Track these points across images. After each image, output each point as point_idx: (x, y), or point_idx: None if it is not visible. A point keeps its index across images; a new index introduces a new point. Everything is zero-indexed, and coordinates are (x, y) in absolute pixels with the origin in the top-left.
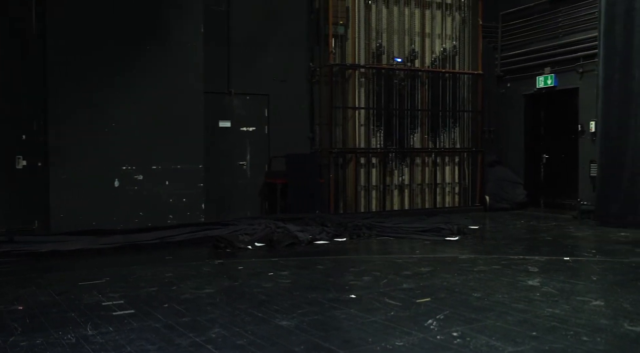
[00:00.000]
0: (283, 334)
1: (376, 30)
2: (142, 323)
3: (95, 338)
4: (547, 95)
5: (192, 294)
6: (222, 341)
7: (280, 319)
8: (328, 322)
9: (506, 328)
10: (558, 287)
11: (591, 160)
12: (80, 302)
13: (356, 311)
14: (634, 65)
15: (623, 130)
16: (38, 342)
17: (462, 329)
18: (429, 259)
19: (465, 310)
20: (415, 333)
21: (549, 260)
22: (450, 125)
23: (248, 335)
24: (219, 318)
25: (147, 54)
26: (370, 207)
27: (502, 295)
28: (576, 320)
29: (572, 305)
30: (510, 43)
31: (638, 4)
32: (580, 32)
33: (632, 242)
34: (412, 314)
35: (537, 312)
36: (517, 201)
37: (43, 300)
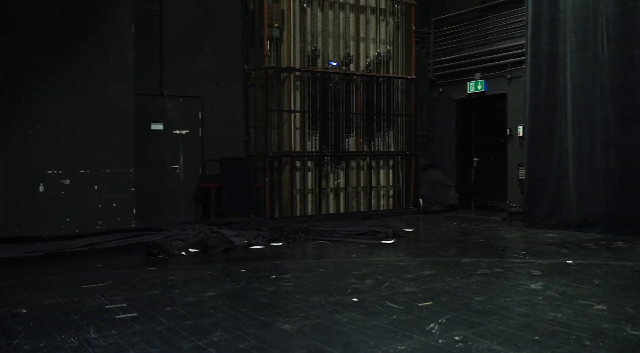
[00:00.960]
0: (285, 338)
1: (311, 34)
2: (144, 327)
3: (98, 342)
4: (478, 100)
5: (195, 297)
6: (224, 344)
7: (282, 323)
8: (330, 325)
9: (508, 332)
10: (560, 290)
11: (519, 164)
12: (84, 305)
13: (358, 314)
14: (559, 71)
15: (549, 134)
16: (41, 345)
17: (464, 333)
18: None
19: (467, 313)
20: (417, 337)
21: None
22: (384, 129)
23: (250, 338)
24: (222, 321)
25: (74, 53)
26: (306, 210)
27: (504, 298)
28: (578, 324)
29: (575, 309)
30: (442, 49)
31: (562, 13)
32: (508, 40)
33: (559, 243)
34: (413, 318)
35: (539, 316)
36: (449, 203)
37: (46, 303)
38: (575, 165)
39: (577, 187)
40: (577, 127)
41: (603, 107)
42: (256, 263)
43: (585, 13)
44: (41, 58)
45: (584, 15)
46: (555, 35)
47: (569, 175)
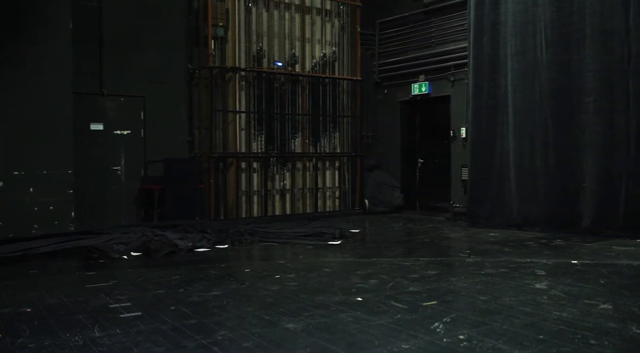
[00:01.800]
0: (289, 337)
1: (257, 34)
2: (149, 326)
3: (103, 341)
4: (422, 102)
5: (199, 297)
6: (228, 343)
7: (286, 322)
8: (334, 324)
9: (513, 332)
10: (565, 290)
11: (462, 165)
12: (88, 304)
13: (362, 314)
14: (501, 74)
15: (491, 136)
16: (46, 344)
17: (468, 332)
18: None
19: (471, 313)
20: (421, 336)
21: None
22: (330, 130)
23: (255, 337)
24: (226, 320)
25: (7, 50)
26: (252, 212)
27: (509, 298)
28: (584, 324)
29: (580, 308)
30: (387, 51)
31: (503, 17)
32: (452, 43)
33: (501, 242)
34: (418, 317)
35: (544, 315)
36: (394, 204)
37: (51, 302)
38: (516, 166)
39: (518, 187)
40: (517, 129)
41: (542, 109)
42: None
43: (525, 18)
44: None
45: (523, 20)
46: (497, 39)
47: (510, 175)
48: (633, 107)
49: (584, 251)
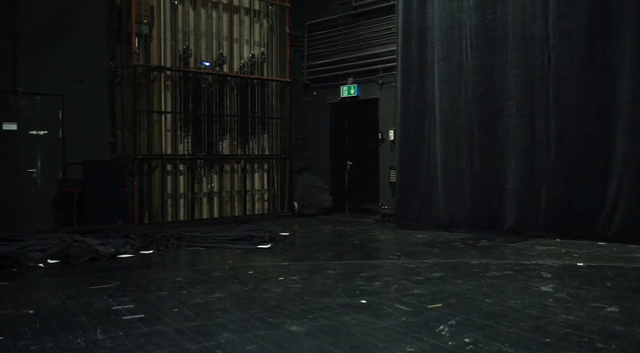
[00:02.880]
0: (293, 339)
1: (183, 32)
2: (151, 328)
3: (105, 343)
4: (351, 104)
5: (202, 299)
6: (231, 346)
7: (290, 324)
8: (338, 327)
9: (519, 335)
10: (572, 293)
11: (391, 167)
12: (91, 306)
13: (366, 316)
14: (428, 78)
15: (419, 138)
16: (48, 346)
17: (474, 335)
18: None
19: (477, 316)
20: (426, 339)
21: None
22: (259, 132)
23: (258, 340)
24: (229, 323)
25: None
26: (179, 216)
27: (515, 301)
28: (590, 327)
29: (586, 311)
30: (316, 52)
31: (430, 22)
32: (380, 46)
33: (429, 243)
34: (423, 320)
35: (551, 318)
36: (324, 206)
37: (54, 304)
38: (443, 168)
39: (445, 189)
40: (444, 132)
41: (468, 113)
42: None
43: (451, 23)
44: None
45: (450, 25)
46: (424, 43)
47: (437, 177)
48: (552, 111)
49: (508, 251)
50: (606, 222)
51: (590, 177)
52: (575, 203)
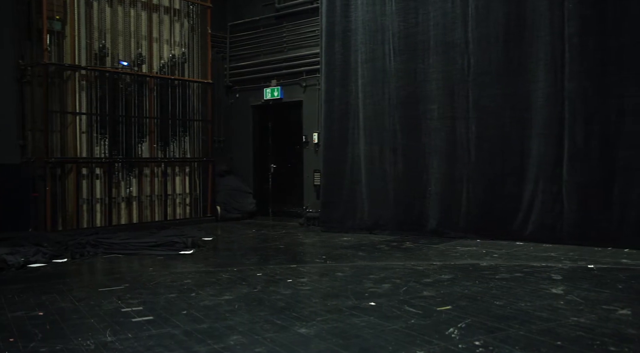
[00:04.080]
0: (302, 342)
1: (99, 30)
2: (160, 330)
3: (114, 345)
4: (274, 106)
5: (211, 301)
6: (240, 348)
7: (299, 327)
8: (347, 329)
9: (530, 338)
10: (583, 295)
11: (315, 170)
12: (100, 308)
13: (376, 318)
14: (352, 80)
15: (343, 141)
16: (58, 348)
17: (484, 338)
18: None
19: (487, 318)
20: (436, 341)
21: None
22: (180, 135)
23: (267, 342)
24: (238, 325)
25: None
26: (95, 222)
27: (525, 303)
28: (602, 330)
29: (598, 314)
30: (239, 54)
31: (353, 25)
32: (304, 48)
33: (355, 246)
34: (432, 322)
35: (562, 321)
36: (247, 210)
37: (63, 306)
38: (367, 171)
39: (369, 191)
40: (368, 134)
41: (391, 116)
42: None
43: (374, 26)
44: None
45: (373, 29)
46: (348, 46)
47: (362, 180)
48: (472, 115)
49: (432, 252)
50: (523, 223)
51: (508, 179)
52: (494, 204)
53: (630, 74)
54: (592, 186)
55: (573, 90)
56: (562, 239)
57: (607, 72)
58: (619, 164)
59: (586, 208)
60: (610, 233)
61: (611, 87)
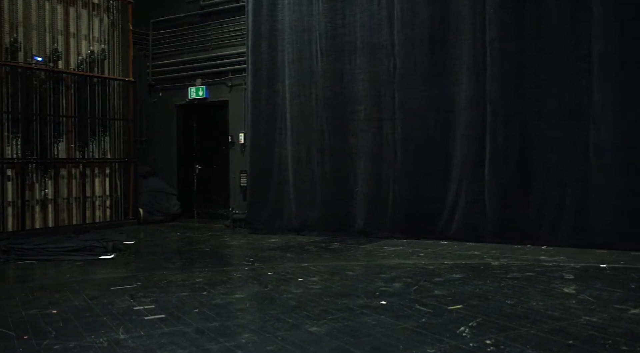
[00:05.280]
0: (313, 340)
1: (10, 23)
2: (172, 328)
3: (127, 343)
4: (199, 106)
5: (223, 299)
6: (252, 346)
7: (310, 325)
8: (358, 328)
9: (541, 337)
10: (595, 294)
11: (241, 171)
12: (113, 306)
13: (386, 317)
14: (279, 80)
15: (270, 141)
16: (71, 345)
17: (495, 337)
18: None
19: (498, 317)
20: (447, 340)
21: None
22: (100, 134)
23: (278, 340)
24: (249, 323)
25: None
26: (7, 226)
27: (537, 302)
28: (615, 329)
29: (610, 313)
30: (162, 52)
31: (280, 25)
32: (229, 47)
33: (283, 248)
34: (443, 321)
35: (574, 320)
36: (171, 212)
37: (77, 304)
38: (294, 171)
39: (296, 192)
40: (295, 135)
41: (318, 116)
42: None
43: (301, 26)
44: None
45: (300, 29)
46: (275, 46)
47: (289, 180)
48: (398, 116)
49: (359, 253)
50: (447, 222)
51: (432, 179)
52: (419, 204)
53: (548, 78)
54: (512, 186)
55: (494, 93)
56: (484, 238)
57: (526, 75)
58: (537, 165)
59: (506, 208)
60: (528, 231)
61: (529, 91)
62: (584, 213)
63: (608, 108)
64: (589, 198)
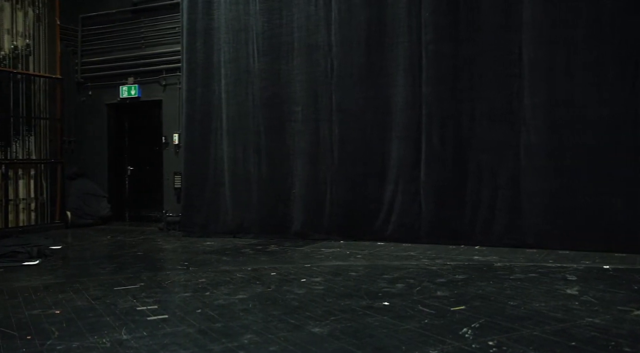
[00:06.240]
0: (316, 341)
1: None
2: (175, 329)
3: (130, 343)
4: (132, 105)
5: (226, 300)
6: (254, 347)
7: (312, 326)
8: (361, 329)
9: (544, 338)
10: (598, 296)
11: (175, 172)
12: (116, 306)
13: (389, 318)
14: (215, 80)
15: (205, 142)
16: (74, 346)
17: (498, 338)
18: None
19: (501, 318)
20: (449, 341)
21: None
22: (24, 134)
23: (281, 341)
24: (252, 324)
25: None
26: None
27: (539, 303)
28: (617, 330)
29: (613, 314)
30: (92, 49)
31: (216, 23)
32: (163, 45)
33: (219, 251)
34: (446, 322)
35: (576, 321)
36: (101, 215)
37: (80, 304)
38: (230, 173)
39: (232, 194)
40: (231, 135)
41: (255, 117)
42: None
43: (238, 25)
44: None
45: (236, 28)
46: (210, 45)
47: (225, 182)
48: (335, 117)
49: (297, 255)
50: (384, 223)
51: (369, 180)
52: (356, 205)
53: (481, 81)
54: (447, 187)
55: (429, 95)
56: (420, 238)
57: (460, 78)
58: (471, 166)
59: (441, 209)
60: (462, 231)
61: (463, 93)
62: (516, 213)
63: (538, 111)
64: (521, 199)
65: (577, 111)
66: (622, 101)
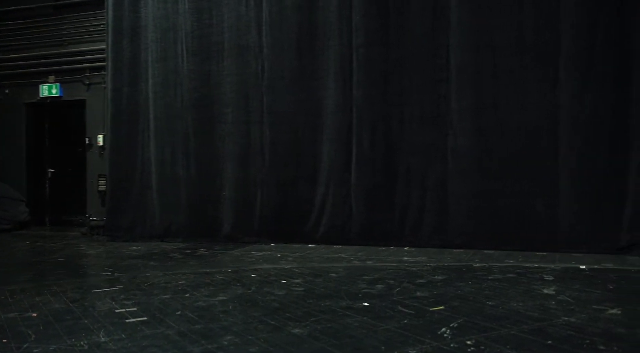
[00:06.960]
0: (295, 342)
1: None
2: (154, 331)
3: (108, 345)
4: (53, 105)
5: (205, 302)
6: (234, 349)
7: (292, 327)
8: (341, 329)
9: (521, 337)
10: (574, 295)
11: (100, 174)
12: (94, 309)
13: (369, 319)
14: (142, 80)
15: (132, 143)
16: (51, 349)
17: (476, 338)
18: None
19: (479, 318)
20: (428, 341)
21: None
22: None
23: (261, 343)
24: (232, 326)
25: None
26: None
27: (517, 303)
28: (592, 329)
29: (588, 313)
30: (9, 45)
31: (143, 21)
32: (87, 43)
33: (145, 256)
34: (425, 322)
35: (553, 320)
36: (19, 220)
37: (57, 307)
38: (158, 175)
39: (160, 197)
40: (159, 137)
41: (183, 118)
42: None
43: (166, 24)
44: None
45: (164, 27)
46: (137, 43)
47: (152, 184)
48: (266, 119)
49: (227, 259)
50: (315, 225)
51: (300, 183)
52: (287, 208)
53: (410, 85)
54: (377, 189)
55: (360, 98)
56: (351, 240)
57: (390, 81)
58: (400, 168)
59: (372, 211)
60: (392, 233)
61: (393, 97)
62: (444, 214)
63: (465, 115)
64: (448, 201)
65: (502, 115)
66: (543, 105)
